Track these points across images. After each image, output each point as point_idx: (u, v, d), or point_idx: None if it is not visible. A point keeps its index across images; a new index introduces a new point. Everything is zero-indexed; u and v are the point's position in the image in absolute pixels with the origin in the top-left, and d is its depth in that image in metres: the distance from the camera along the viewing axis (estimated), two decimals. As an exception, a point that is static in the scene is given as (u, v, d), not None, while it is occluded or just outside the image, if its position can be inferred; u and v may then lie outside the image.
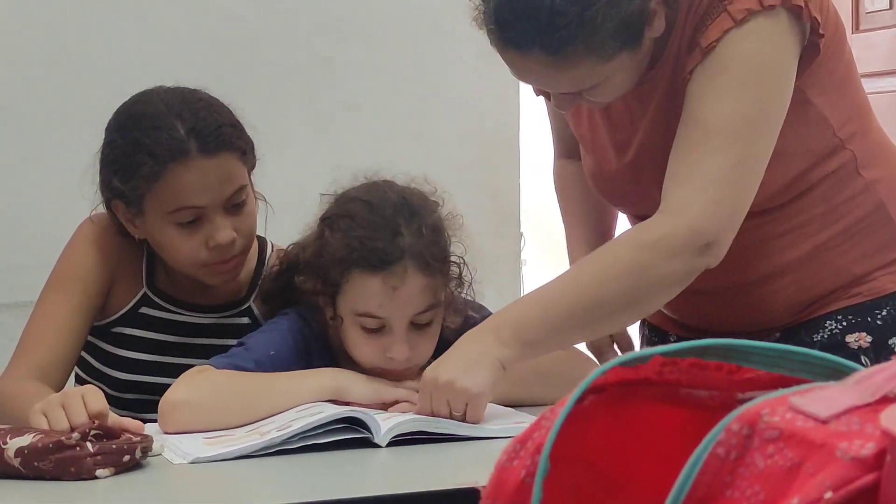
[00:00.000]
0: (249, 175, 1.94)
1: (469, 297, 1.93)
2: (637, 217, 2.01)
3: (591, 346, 2.07)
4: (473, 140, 3.16)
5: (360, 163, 1.93)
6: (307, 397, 1.73)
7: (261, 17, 2.99)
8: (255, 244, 2.02)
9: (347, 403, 1.73)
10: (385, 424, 1.62)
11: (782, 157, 1.76)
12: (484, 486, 0.65)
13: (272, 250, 2.08)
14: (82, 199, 1.97)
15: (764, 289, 1.87)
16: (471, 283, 1.91)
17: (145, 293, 1.99)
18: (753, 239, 1.83)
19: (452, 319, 1.88)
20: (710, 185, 1.67)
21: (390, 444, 1.61)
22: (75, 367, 2.03)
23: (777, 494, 0.50)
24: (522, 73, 1.75)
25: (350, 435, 1.61)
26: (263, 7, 2.99)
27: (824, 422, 0.51)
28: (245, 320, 2.03)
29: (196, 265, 1.89)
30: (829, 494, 0.48)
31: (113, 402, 1.92)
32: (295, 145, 3.01)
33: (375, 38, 3.09)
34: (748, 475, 0.52)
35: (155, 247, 1.93)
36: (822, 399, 0.52)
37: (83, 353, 2.01)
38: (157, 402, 1.80)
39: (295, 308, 1.91)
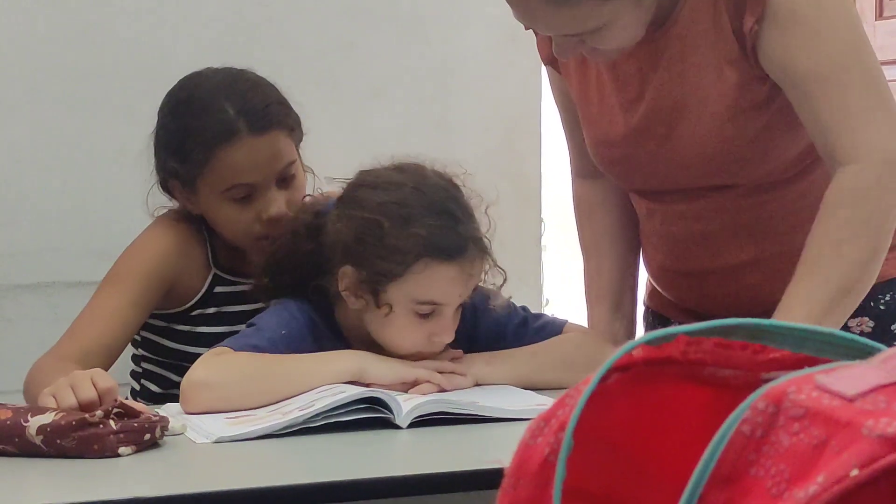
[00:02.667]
0: (297, 148, 2.01)
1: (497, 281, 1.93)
2: (638, 193, 1.99)
3: None
4: (495, 126, 3.15)
5: (381, 148, 1.93)
6: (328, 379, 1.74)
7: (283, 1, 2.99)
8: None
9: (368, 385, 1.73)
10: (406, 405, 1.63)
11: (795, 128, 1.76)
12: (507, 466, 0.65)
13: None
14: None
15: (767, 270, 1.86)
16: (495, 263, 1.91)
17: (216, 273, 2.05)
18: (759, 217, 1.83)
19: (497, 299, 1.93)
20: (863, 117, 1.68)
21: (411, 426, 1.62)
22: (144, 353, 2.10)
23: (802, 472, 0.50)
24: (523, 14, 1.74)
25: (371, 415, 1.61)
26: (286, -9, 2.99)
27: (850, 400, 0.51)
28: None
29: (251, 238, 1.95)
30: (854, 472, 0.48)
31: None
32: (316, 130, 3.01)
33: (398, 23, 3.08)
34: (773, 453, 0.52)
35: (211, 223, 2.00)
36: (848, 377, 0.52)
37: (158, 339, 2.06)
38: None
39: (287, 299, 1.90)
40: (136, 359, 2.15)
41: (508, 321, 1.95)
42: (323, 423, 1.59)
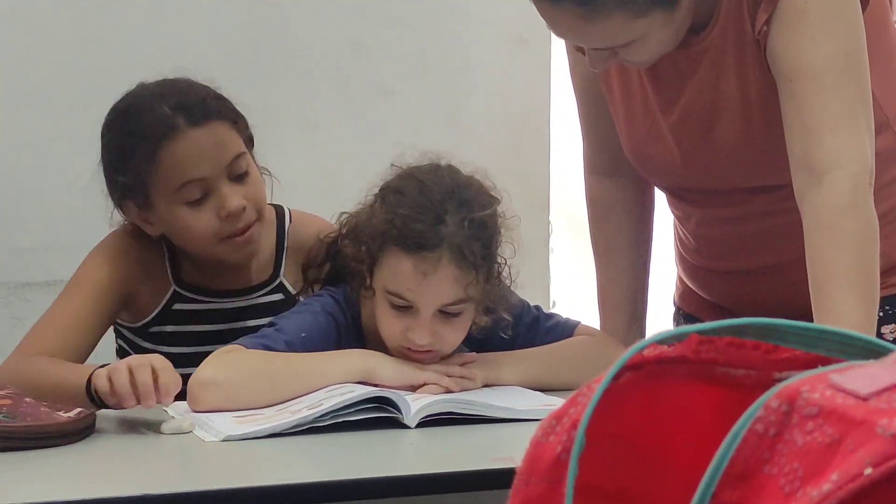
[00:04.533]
0: (249, 148, 1.96)
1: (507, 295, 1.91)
2: (674, 195, 1.98)
3: None
4: (504, 126, 3.16)
5: (389, 147, 1.93)
6: (336, 378, 1.74)
7: (292, 1, 2.99)
8: (273, 215, 2.03)
9: (376, 385, 1.73)
10: (415, 405, 1.63)
11: None
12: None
13: (290, 219, 2.07)
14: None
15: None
16: (511, 284, 1.90)
17: (175, 290, 2.00)
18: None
19: (480, 318, 1.86)
20: (846, 124, 1.65)
21: (419, 425, 1.62)
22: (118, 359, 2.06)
23: (816, 470, 0.50)
24: (555, 26, 1.73)
25: (380, 414, 1.61)
26: (295, -10, 3.00)
27: (864, 399, 0.51)
28: (278, 296, 2.04)
29: (213, 241, 1.89)
30: (868, 471, 0.48)
31: None
32: (326, 129, 3.02)
33: (408, 22, 3.08)
34: (787, 451, 0.52)
35: (172, 237, 1.95)
36: (862, 376, 0.52)
37: (127, 347, 2.04)
38: None
39: (327, 289, 1.91)
40: None
41: (520, 320, 1.95)
42: (331, 422, 1.59)
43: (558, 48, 3.56)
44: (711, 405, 0.63)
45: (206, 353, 1.92)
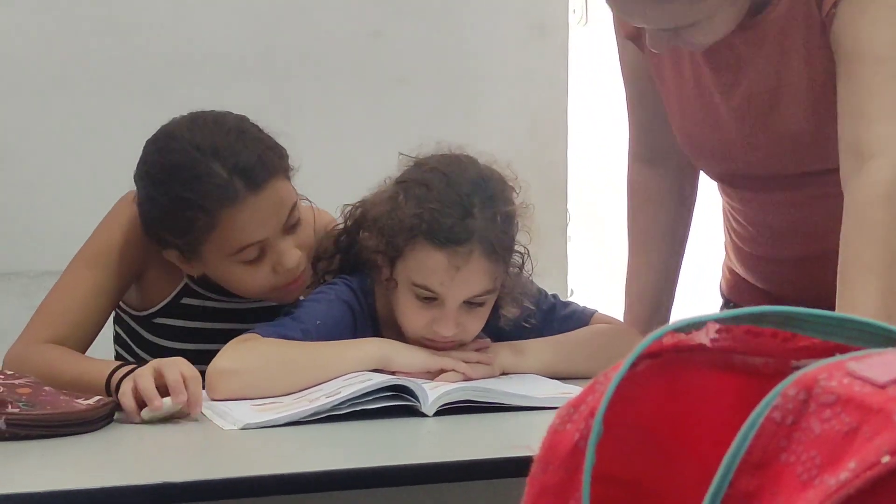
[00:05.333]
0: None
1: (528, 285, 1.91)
2: (722, 179, 1.96)
3: None
4: (521, 115, 3.16)
5: (406, 137, 1.92)
6: (353, 367, 1.74)
7: (310, -10, 2.99)
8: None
9: (393, 373, 1.74)
10: (432, 393, 1.63)
11: None
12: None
13: (315, 220, 2.02)
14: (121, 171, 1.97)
15: None
16: (531, 275, 1.90)
17: (186, 284, 1.96)
18: None
19: (510, 310, 1.88)
20: None
21: (437, 414, 1.62)
22: (116, 347, 2.05)
23: (834, 458, 0.50)
24: (620, 7, 1.72)
25: (397, 402, 1.62)
26: (313, -20, 3.00)
27: (882, 387, 0.51)
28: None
29: (267, 291, 1.87)
30: (886, 459, 0.48)
31: None
32: (344, 119, 3.02)
33: (425, 12, 3.09)
34: (804, 439, 0.52)
35: (219, 280, 1.89)
36: (879, 364, 0.52)
37: (126, 336, 2.02)
38: None
39: (342, 277, 1.91)
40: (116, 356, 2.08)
41: (537, 308, 1.95)
42: (349, 410, 1.59)
43: (576, 38, 3.56)
44: (729, 393, 0.63)
45: (203, 351, 1.90)
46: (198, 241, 1.80)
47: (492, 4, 3.11)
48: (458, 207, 1.78)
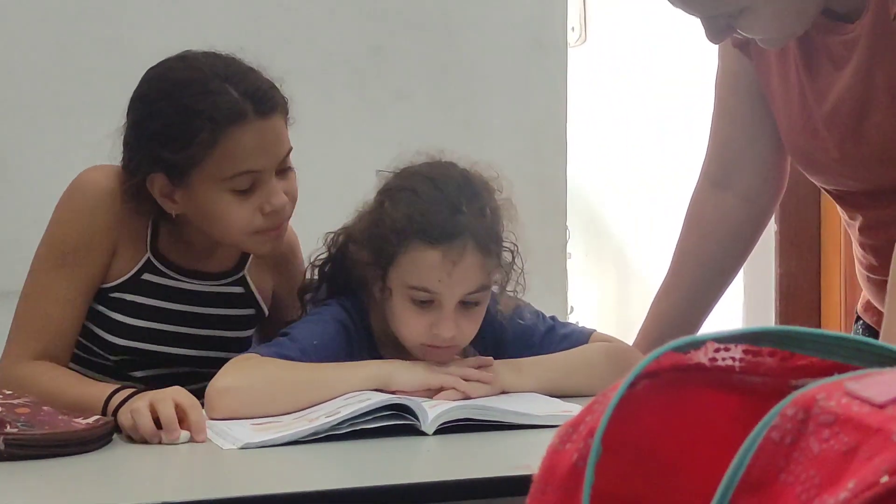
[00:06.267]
0: None
1: (519, 290, 1.92)
2: (833, 194, 1.91)
3: None
4: (521, 131, 3.16)
5: (408, 152, 1.93)
6: (354, 386, 1.74)
7: (310, 5, 3.00)
8: None
9: (394, 393, 1.74)
10: (432, 412, 1.63)
11: None
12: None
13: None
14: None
15: None
16: (522, 271, 1.91)
17: (149, 259, 1.91)
18: None
19: (506, 304, 1.90)
20: None
21: (437, 432, 1.62)
22: None
23: (832, 478, 0.50)
24: None
25: (397, 422, 1.62)
26: (313, -4, 3.01)
27: (880, 406, 0.51)
28: (239, 289, 1.99)
29: (248, 233, 1.83)
30: (885, 479, 0.48)
31: (100, 367, 1.92)
32: (344, 133, 3.02)
33: (425, 27, 3.09)
34: (803, 459, 0.52)
35: (198, 218, 1.85)
36: (877, 384, 0.52)
37: None
38: (145, 363, 1.87)
39: (336, 298, 1.92)
40: None
41: (536, 328, 1.95)
42: (349, 430, 1.59)
43: (575, 53, 3.57)
44: (728, 413, 0.63)
45: (159, 330, 1.92)
46: (194, 159, 1.78)
47: (491, 21, 3.12)
48: (447, 205, 1.80)
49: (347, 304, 1.90)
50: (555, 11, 3.17)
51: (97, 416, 1.59)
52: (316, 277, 1.97)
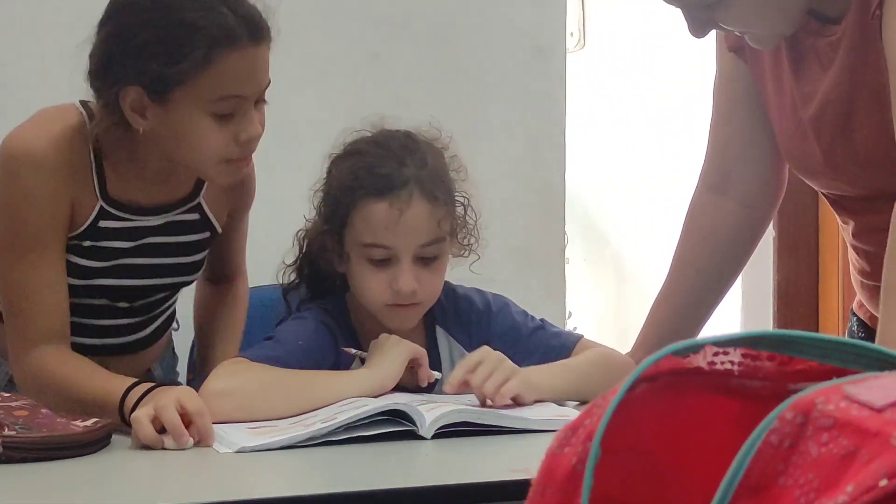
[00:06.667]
0: None
1: (473, 243, 1.95)
2: (827, 197, 1.91)
3: None
4: (520, 136, 3.16)
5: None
6: (350, 393, 1.74)
7: (308, 11, 3.00)
8: None
9: (394, 390, 1.75)
10: (429, 416, 1.63)
11: None
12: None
13: None
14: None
15: None
16: (475, 224, 1.93)
17: (101, 207, 1.85)
18: None
19: (457, 251, 1.92)
20: None
21: (435, 437, 1.62)
22: None
23: (831, 482, 0.50)
24: None
25: (394, 427, 1.61)
26: (310, 1, 3.01)
27: (879, 410, 0.51)
28: (195, 216, 1.95)
29: (219, 160, 1.78)
30: (884, 482, 0.48)
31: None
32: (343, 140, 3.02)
33: (423, 34, 3.09)
34: (802, 463, 0.52)
35: (167, 139, 1.77)
36: (876, 388, 0.52)
37: None
38: (106, 308, 1.87)
39: (316, 301, 1.95)
40: None
41: (523, 326, 1.95)
42: (346, 436, 1.59)
43: (574, 59, 3.57)
44: (726, 417, 0.63)
45: (119, 266, 1.88)
46: (182, 75, 1.71)
47: (490, 27, 3.12)
48: (391, 159, 1.85)
49: (327, 304, 1.93)
50: (554, 17, 3.17)
51: (95, 419, 1.59)
52: (294, 279, 1.99)
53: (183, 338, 2.17)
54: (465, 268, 1.97)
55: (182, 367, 2.23)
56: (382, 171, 1.83)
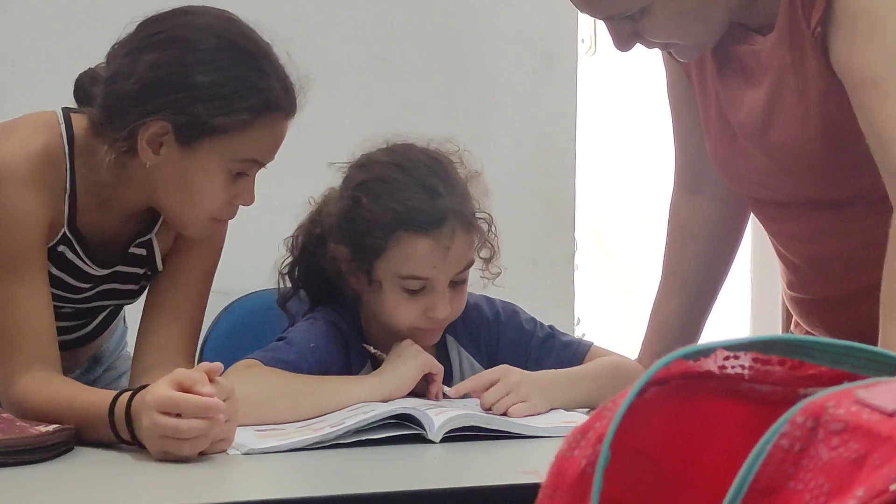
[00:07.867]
0: None
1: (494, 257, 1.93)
2: (751, 203, 1.94)
3: None
4: (530, 143, 3.16)
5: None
6: (356, 399, 1.74)
7: (318, 17, 3.00)
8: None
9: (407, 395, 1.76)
10: (438, 420, 1.63)
11: None
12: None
13: None
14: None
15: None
16: (496, 237, 1.93)
17: (65, 233, 1.77)
18: (875, 239, 1.66)
19: (489, 276, 1.93)
20: None
21: (443, 440, 1.62)
22: None
23: (842, 486, 0.50)
24: None
25: (403, 431, 1.61)
26: (321, 7, 3.01)
27: (890, 415, 0.51)
28: (142, 251, 1.87)
29: (210, 217, 1.76)
30: (894, 486, 0.48)
31: None
32: (352, 146, 3.03)
33: (433, 39, 3.10)
34: (812, 467, 0.52)
35: (168, 180, 1.72)
36: (887, 392, 0.52)
37: None
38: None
39: (327, 304, 1.94)
40: None
41: (533, 334, 1.96)
42: (354, 440, 1.59)
43: (584, 66, 3.57)
44: (737, 420, 0.63)
45: (65, 284, 1.81)
46: (220, 128, 1.68)
47: (500, 33, 3.12)
48: (424, 190, 1.82)
49: (341, 309, 1.92)
50: (565, 23, 3.17)
51: (56, 425, 1.53)
52: (289, 286, 1.98)
53: (134, 307, 1.99)
54: (475, 273, 1.97)
55: (131, 337, 2.01)
56: (418, 204, 1.80)
